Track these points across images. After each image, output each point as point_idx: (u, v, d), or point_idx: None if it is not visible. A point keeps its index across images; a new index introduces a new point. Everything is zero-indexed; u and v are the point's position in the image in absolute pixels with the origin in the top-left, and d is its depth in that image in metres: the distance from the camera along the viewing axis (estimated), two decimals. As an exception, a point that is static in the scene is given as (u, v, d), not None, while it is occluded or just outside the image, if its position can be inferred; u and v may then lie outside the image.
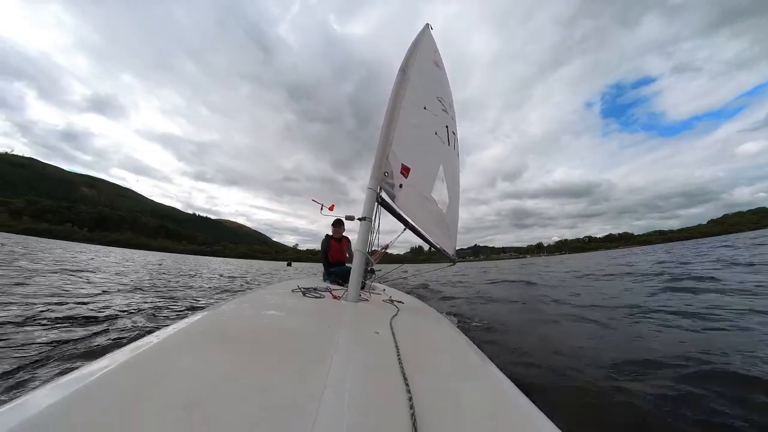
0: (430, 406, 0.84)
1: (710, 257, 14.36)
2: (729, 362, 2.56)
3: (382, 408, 0.81)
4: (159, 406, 0.70)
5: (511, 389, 1.06)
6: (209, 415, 0.69)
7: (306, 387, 0.85)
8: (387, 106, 2.84)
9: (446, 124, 3.37)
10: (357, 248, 2.43)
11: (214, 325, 1.39)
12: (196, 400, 0.73)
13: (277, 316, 1.71)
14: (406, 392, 0.88)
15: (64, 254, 19.41)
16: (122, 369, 0.85)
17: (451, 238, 3.27)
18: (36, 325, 3.42)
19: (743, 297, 5.07)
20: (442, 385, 1.03)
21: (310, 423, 0.70)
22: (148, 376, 0.82)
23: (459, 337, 1.81)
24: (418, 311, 2.67)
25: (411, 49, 3.27)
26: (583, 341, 3.46)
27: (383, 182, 2.63)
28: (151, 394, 0.74)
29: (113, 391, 0.75)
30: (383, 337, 1.43)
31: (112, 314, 4.25)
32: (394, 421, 0.76)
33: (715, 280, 7.00)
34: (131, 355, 0.93)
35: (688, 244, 48.92)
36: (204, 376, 0.86)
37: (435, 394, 0.92)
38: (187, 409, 0.70)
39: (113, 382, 0.79)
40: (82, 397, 0.72)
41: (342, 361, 1.06)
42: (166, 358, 0.95)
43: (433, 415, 0.80)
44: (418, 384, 0.93)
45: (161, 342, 1.07)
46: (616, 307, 5.18)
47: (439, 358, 1.37)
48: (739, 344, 2.97)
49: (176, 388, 0.78)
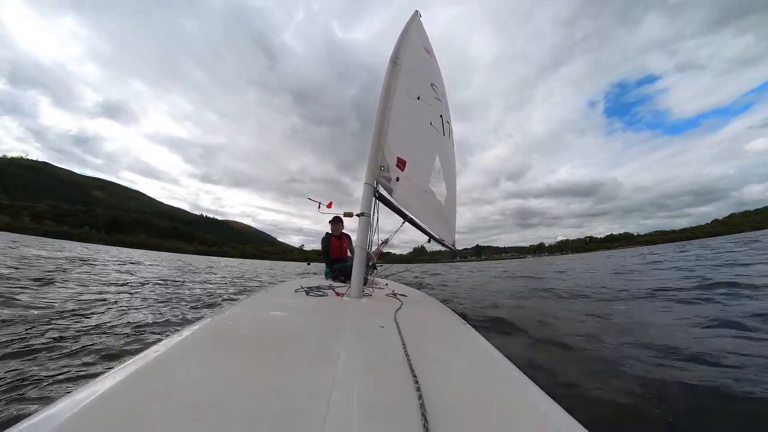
0: (440, 400, 0.80)
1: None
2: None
3: (391, 406, 0.78)
4: (170, 414, 0.69)
5: (523, 381, 1.01)
6: (219, 420, 0.67)
7: (314, 387, 0.83)
8: (379, 98, 2.75)
9: (440, 114, 3.26)
10: (357, 244, 2.40)
11: (221, 329, 1.37)
12: (205, 407, 0.71)
13: (282, 316, 1.69)
14: (414, 385, 0.84)
15: (123, 256, 21.02)
16: (132, 379, 0.83)
17: (450, 230, 3.20)
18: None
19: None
20: (450, 378, 0.99)
21: (320, 423, 0.67)
22: (157, 385, 0.81)
23: (464, 327, 1.77)
24: (421, 303, 2.63)
25: (401, 38, 3.13)
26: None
27: (380, 176, 2.58)
28: (162, 402, 0.73)
29: (125, 403, 0.73)
30: (388, 331, 1.40)
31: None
32: (404, 416, 0.72)
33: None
34: (140, 365, 0.91)
35: (672, 246, 48.39)
36: (212, 381, 0.85)
37: (443, 388, 0.88)
38: (196, 415, 0.68)
39: (124, 393, 0.77)
40: (95, 410, 0.70)
41: (348, 358, 1.03)
42: (175, 366, 0.94)
43: (443, 410, 0.76)
44: (425, 378, 0.89)
45: (169, 350, 1.05)
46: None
47: (445, 350, 1.34)
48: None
49: (186, 395, 0.76)
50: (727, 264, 9.65)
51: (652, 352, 2.60)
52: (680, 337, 2.96)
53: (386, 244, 3.13)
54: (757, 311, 3.64)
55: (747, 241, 19.49)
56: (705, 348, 2.58)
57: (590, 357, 2.61)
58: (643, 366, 2.31)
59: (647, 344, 2.78)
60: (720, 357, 2.37)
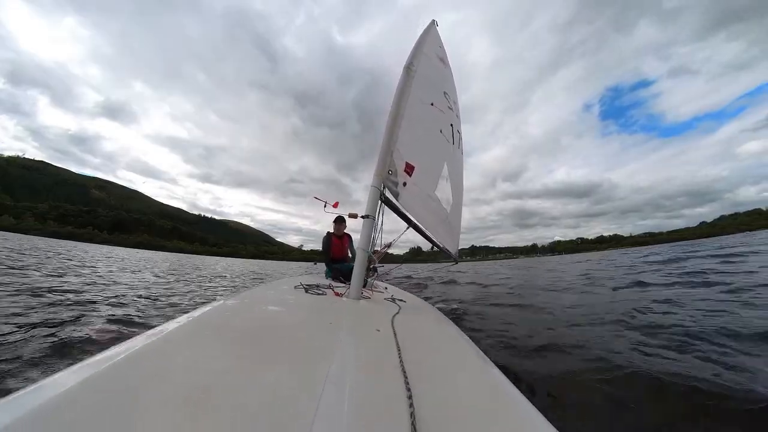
0: (430, 405, 0.80)
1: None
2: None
3: (381, 406, 0.78)
4: (160, 400, 0.68)
5: (510, 390, 1.02)
6: (209, 410, 0.66)
7: (306, 383, 0.82)
8: (392, 103, 2.68)
9: (451, 122, 3.20)
10: (360, 246, 2.33)
11: (216, 320, 1.34)
12: (196, 395, 0.70)
13: (279, 312, 1.66)
14: (405, 390, 0.83)
15: (145, 256, 21.62)
16: (125, 363, 0.82)
17: (454, 238, 3.12)
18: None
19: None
20: (441, 384, 0.99)
21: (309, 419, 0.67)
22: (150, 371, 0.80)
23: (459, 336, 1.75)
24: (419, 310, 2.59)
25: (417, 46, 3.09)
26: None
27: (387, 180, 2.50)
28: (153, 389, 0.72)
29: (116, 385, 0.72)
30: (384, 335, 1.37)
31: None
32: (393, 419, 0.72)
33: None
34: (134, 350, 0.89)
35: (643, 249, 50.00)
36: (205, 371, 0.83)
37: (434, 393, 0.88)
38: (187, 403, 0.67)
39: (115, 375, 0.76)
40: (85, 389, 0.69)
41: (343, 358, 1.03)
42: (168, 353, 0.92)
43: (432, 414, 0.76)
44: (418, 383, 0.89)
45: (164, 336, 1.03)
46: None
47: (439, 357, 1.33)
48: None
49: (177, 383, 0.75)
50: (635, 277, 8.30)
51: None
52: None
53: (389, 248, 3.05)
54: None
55: (713, 249, 18.60)
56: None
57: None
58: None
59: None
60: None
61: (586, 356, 2.70)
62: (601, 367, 2.45)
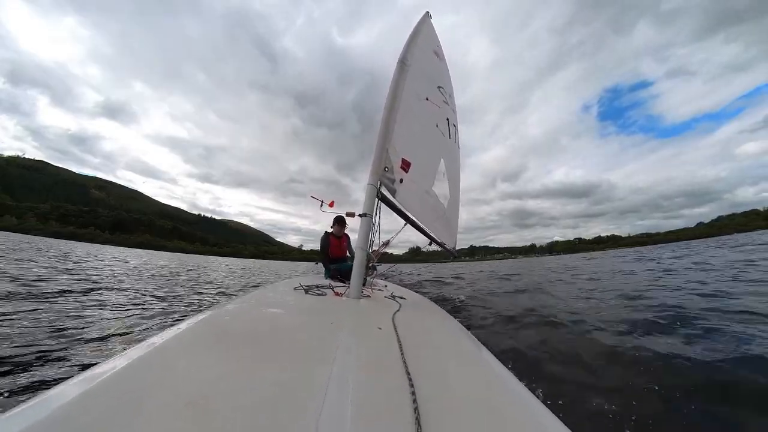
0: (434, 401, 0.79)
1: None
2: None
3: (385, 405, 0.77)
4: (165, 405, 0.68)
5: (514, 384, 1.01)
6: (213, 413, 0.66)
7: (309, 384, 0.82)
8: (386, 98, 2.63)
9: (447, 116, 3.15)
10: (358, 245, 2.30)
11: (218, 324, 1.35)
12: (200, 400, 0.70)
13: (280, 313, 1.66)
14: (409, 388, 0.83)
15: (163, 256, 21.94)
16: (129, 370, 0.83)
17: (451, 233, 3.10)
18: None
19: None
20: (445, 380, 0.99)
21: (314, 420, 0.67)
22: (154, 377, 0.80)
23: (461, 332, 1.74)
24: (420, 307, 2.57)
25: (410, 39, 2.95)
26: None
27: (383, 177, 2.47)
28: (158, 394, 0.72)
29: (121, 392, 0.72)
30: (386, 333, 1.37)
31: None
32: (398, 417, 0.72)
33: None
34: (137, 356, 0.90)
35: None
36: (208, 375, 0.83)
37: (438, 390, 0.88)
38: (191, 408, 0.67)
39: (120, 383, 0.76)
40: (91, 397, 0.70)
41: (345, 357, 1.02)
42: (172, 358, 0.93)
43: (437, 411, 0.76)
44: (421, 380, 0.88)
45: (166, 342, 1.03)
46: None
47: (441, 354, 1.32)
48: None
49: (181, 388, 0.75)
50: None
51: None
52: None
53: (387, 246, 3.02)
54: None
55: (706, 248, 18.31)
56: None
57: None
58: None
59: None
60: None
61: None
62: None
